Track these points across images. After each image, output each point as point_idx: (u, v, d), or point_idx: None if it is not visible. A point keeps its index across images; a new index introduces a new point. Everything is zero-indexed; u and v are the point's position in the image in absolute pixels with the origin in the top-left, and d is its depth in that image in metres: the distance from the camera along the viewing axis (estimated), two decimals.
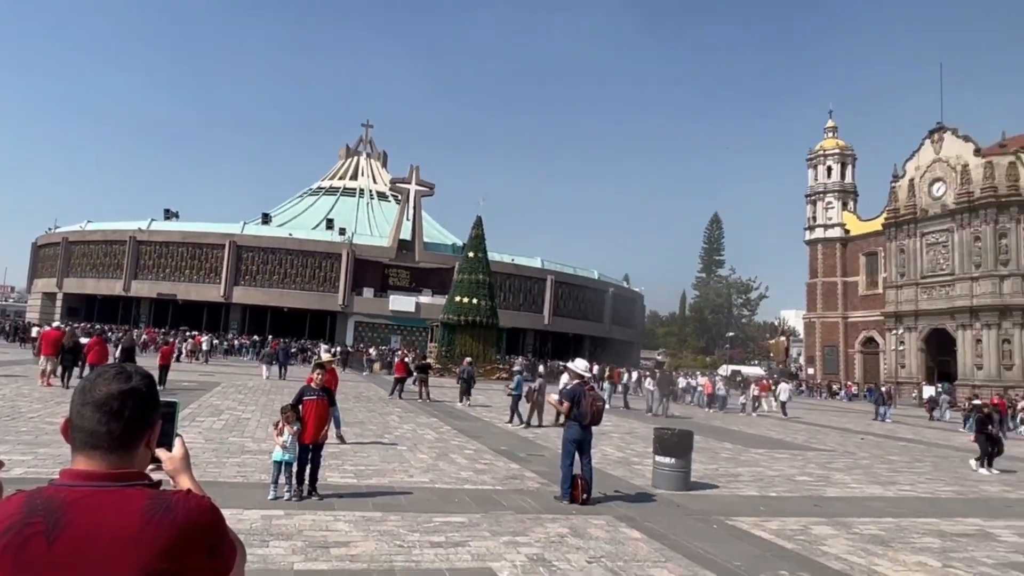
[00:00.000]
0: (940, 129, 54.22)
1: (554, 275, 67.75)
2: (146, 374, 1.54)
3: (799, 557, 7.16)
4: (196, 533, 1.38)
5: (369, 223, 71.30)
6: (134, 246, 60.80)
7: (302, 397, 8.32)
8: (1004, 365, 47.93)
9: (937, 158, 53.90)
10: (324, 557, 5.95)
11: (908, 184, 55.78)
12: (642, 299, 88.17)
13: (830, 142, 65.63)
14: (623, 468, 12.29)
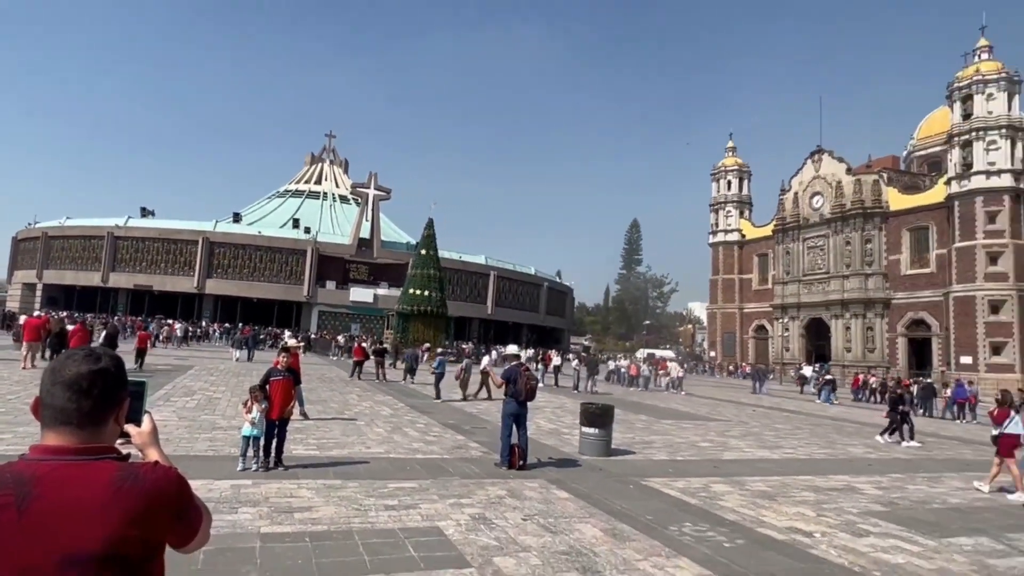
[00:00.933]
0: (819, 151, 56.42)
1: (496, 271, 67.71)
2: (115, 356, 1.46)
3: (701, 511, 7.37)
4: (163, 500, 1.34)
5: (332, 223, 69.68)
6: (112, 241, 57.78)
7: (269, 378, 8.10)
8: (867, 348, 50.38)
9: (817, 175, 56.06)
10: (288, 521, 5.81)
11: (793, 197, 57.88)
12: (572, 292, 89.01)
13: (730, 160, 67.48)
14: (554, 438, 12.39)
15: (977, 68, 44.72)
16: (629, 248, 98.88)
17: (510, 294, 69.65)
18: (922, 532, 7.03)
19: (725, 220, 66.22)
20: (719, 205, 66.97)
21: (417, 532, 5.73)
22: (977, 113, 44.06)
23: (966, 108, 44.94)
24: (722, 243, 66.19)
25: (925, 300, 47.18)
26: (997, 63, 44.47)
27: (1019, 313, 41.79)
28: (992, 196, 42.88)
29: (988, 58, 45.21)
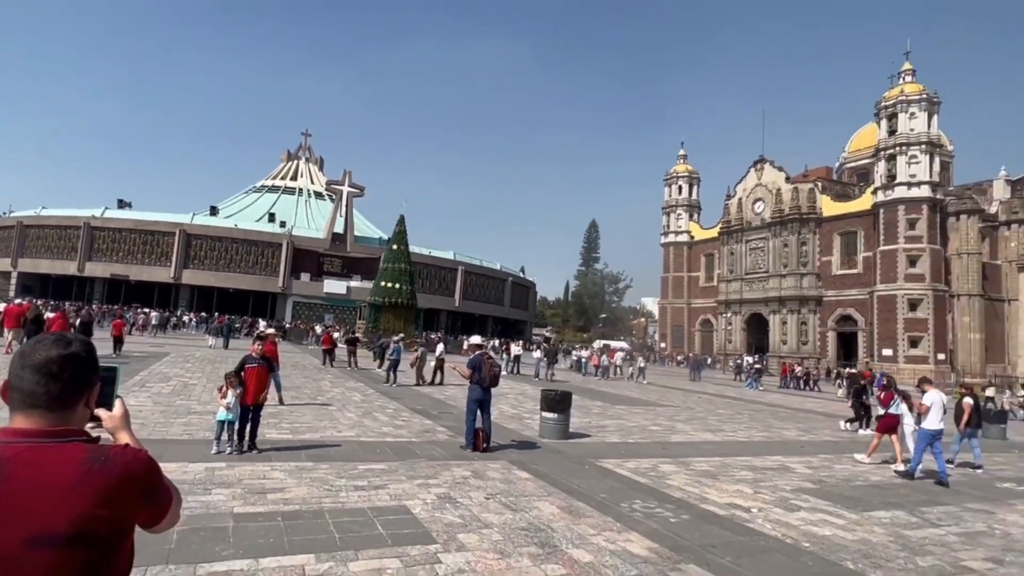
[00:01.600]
0: (762, 160, 57.74)
1: (464, 266, 67.47)
2: (86, 340, 1.40)
3: (650, 489, 7.48)
4: (133, 482, 1.29)
5: (307, 218, 68.38)
6: (88, 231, 55.53)
7: (244, 364, 7.90)
8: (802, 341, 51.93)
9: (759, 183, 57.38)
10: (261, 502, 5.68)
11: (738, 202, 59.13)
12: (535, 287, 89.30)
13: (682, 167, 68.49)
14: (516, 422, 12.41)
15: (902, 89, 46.37)
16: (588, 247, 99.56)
17: (477, 288, 69.54)
18: (846, 507, 7.28)
19: (676, 222, 67.26)
20: (671, 208, 67.98)
21: (386, 511, 5.67)
22: (901, 130, 45.71)
23: (891, 125, 46.59)
24: (673, 243, 67.23)
25: (852, 298, 48.83)
26: (919, 85, 46.19)
27: (933, 310, 43.63)
28: (912, 205, 44.59)
29: (911, 80, 46.90)
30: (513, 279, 77.03)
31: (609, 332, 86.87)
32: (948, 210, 45.94)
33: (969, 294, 45.03)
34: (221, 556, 4.30)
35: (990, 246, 47.35)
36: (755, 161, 58.30)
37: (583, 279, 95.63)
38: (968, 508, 7.77)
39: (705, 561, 4.98)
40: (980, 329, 44.95)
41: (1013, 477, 10.50)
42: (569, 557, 4.83)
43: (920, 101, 45.34)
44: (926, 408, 9.68)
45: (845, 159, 65.23)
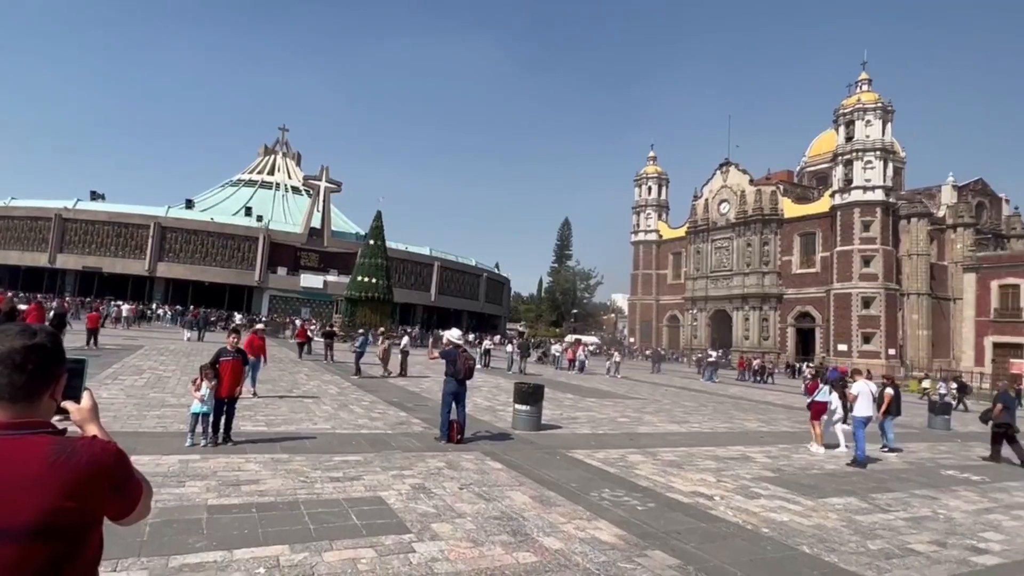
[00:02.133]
0: (727, 164, 58.66)
1: (440, 261, 67.12)
2: (51, 331, 1.34)
3: (618, 478, 7.55)
4: (100, 474, 1.24)
5: (284, 212, 67.11)
6: (60, 223, 53.58)
7: (219, 357, 7.72)
8: (763, 337, 53.03)
9: (724, 185, 58.31)
10: (236, 493, 5.57)
11: (704, 203, 60.01)
12: (509, 282, 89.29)
13: (651, 168, 69.19)
14: (490, 414, 12.41)
15: (858, 98, 47.55)
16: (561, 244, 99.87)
17: (452, 283, 69.24)
18: (803, 494, 7.47)
19: (645, 222, 67.96)
20: (640, 208, 68.63)
21: (361, 502, 5.62)
22: (857, 137, 46.91)
23: (849, 132, 47.77)
24: (642, 242, 67.93)
25: (811, 296, 50.01)
26: (875, 94, 47.42)
27: (885, 308, 44.97)
28: (867, 208, 45.84)
29: (868, 90, 48.13)
30: (488, 275, 76.90)
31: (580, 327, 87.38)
32: (900, 213, 47.34)
33: (918, 293, 46.54)
34: (194, 548, 4.20)
35: (938, 248, 48.95)
36: (721, 164, 59.22)
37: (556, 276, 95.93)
38: (914, 494, 8.04)
39: (670, 547, 5.05)
40: (928, 326, 46.51)
41: (955, 465, 10.90)
42: (540, 545, 4.85)
43: (875, 110, 46.58)
44: (853, 397, 10.34)
45: (805, 163, 66.66)
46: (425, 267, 65.69)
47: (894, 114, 47.29)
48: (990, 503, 7.91)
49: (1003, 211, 55.61)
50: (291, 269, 58.18)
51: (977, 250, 47.10)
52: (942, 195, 52.16)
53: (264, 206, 65.44)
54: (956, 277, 47.40)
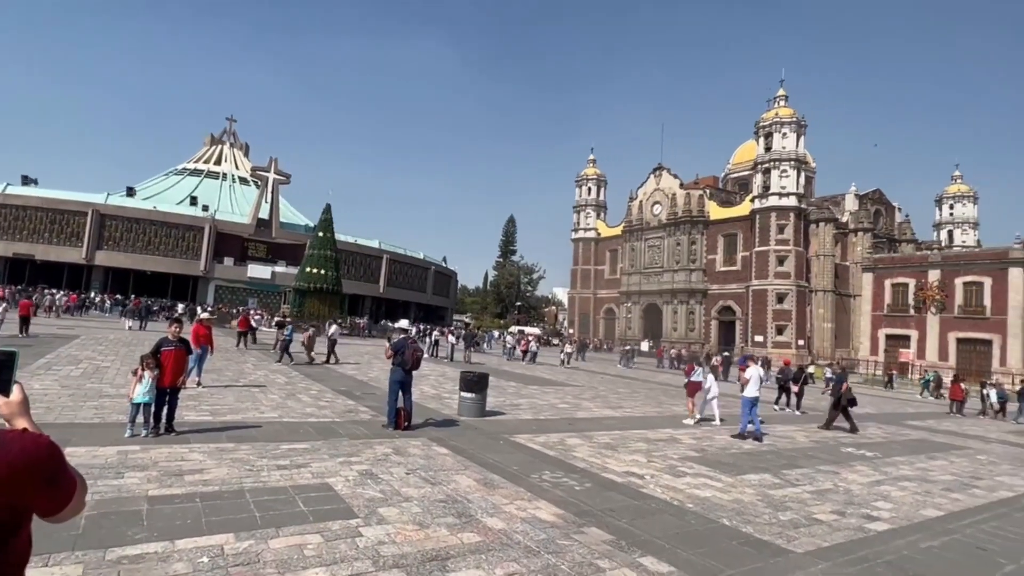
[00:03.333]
0: (660, 168, 60.29)
1: (389, 254, 65.89)
2: None
3: (558, 460, 7.66)
4: (31, 468, 1.13)
5: (231, 203, 63.98)
6: None
7: (161, 347, 7.27)
8: (689, 329, 55.00)
9: (657, 187, 59.93)
10: (179, 484, 5.27)
11: (639, 204, 61.51)
12: (456, 276, 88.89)
13: (591, 170, 70.21)
14: (436, 402, 12.31)
15: (776, 112, 49.88)
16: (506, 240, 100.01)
17: (401, 275, 68.18)
18: (723, 472, 7.81)
19: (585, 220, 68.99)
20: (581, 207, 69.60)
21: (308, 488, 5.45)
22: (775, 147, 49.23)
23: (768, 143, 50.06)
24: (582, 239, 68.94)
25: (732, 291, 52.26)
26: (791, 109, 49.87)
27: (796, 303, 47.58)
28: (782, 212, 48.25)
29: (785, 105, 50.54)
30: (436, 268, 76.17)
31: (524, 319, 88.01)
32: (810, 218, 50.12)
33: (824, 290, 49.49)
34: (134, 540, 3.96)
35: (841, 249, 52.14)
36: (655, 168, 60.79)
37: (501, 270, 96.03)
38: (820, 470, 8.56)
39: (605, 524, 5.17)
40: (832, 319, 49.56)
41: (853, 443, 11.68)
42: (484, 525, 4.85)
43: (791, 123, 49.02)
44: (746, 380, 11.20)
45: (730, 170, 69.37)
46: (374, 260, 64.35)
47: (806, 128, 49.92)
48: (881, 476, 8.53)
49: (896, 218, 59.87)
50: (238, 259, 55.67)
51: (874, 252, 50.53)
52: (846, 202, 55.52)
53: (210, 196, 62.21)
54: (856, 276, 50.70)
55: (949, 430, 15.68)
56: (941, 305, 42.96)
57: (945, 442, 13.10)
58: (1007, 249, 40.47)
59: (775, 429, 12.74)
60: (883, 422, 16.20)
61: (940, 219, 65.50)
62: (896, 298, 46.08)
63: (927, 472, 9.19)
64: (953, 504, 7.13)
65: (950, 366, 39.48)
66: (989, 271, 40.80)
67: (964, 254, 45.99)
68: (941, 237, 63.68)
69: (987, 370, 37.60)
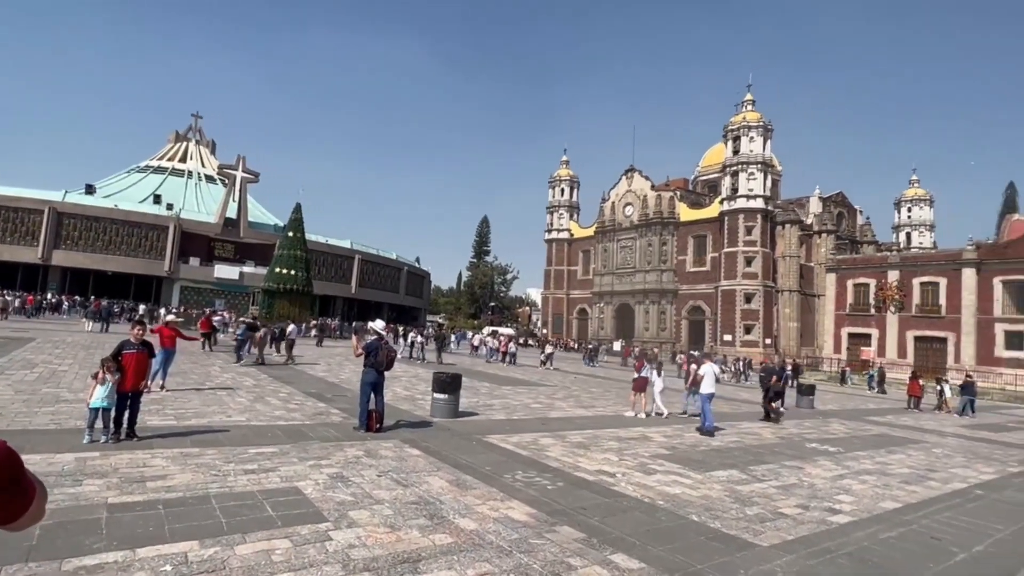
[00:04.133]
0: (631, 170, 61.06)
1: (361, 254, 65.09)
2: None
3: (530, 460, 7.68)
4: None
5: (197, 201, 62.33)
6: None
7: (122, 350, 7.03)
8: (660, 328, 55.83)
9: (629, 189, 60.68)
10: (140, 490, 5.11)
11: (611, 205, 62.17)
12: (429, 276, 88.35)
13: (564, 171, 70.69)
14: (409, 403, 12.21)
15: (744, 116, 51.04)
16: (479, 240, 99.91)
17: (373, 276, 67.44)
18: (692, 469, 7.94)
19: (558, 221, 69.41)
20: (554, 208, 70.00)
21: (276, 493, 5.34)
22: (743, 151, 50.36)
23: (735, 146, 51.19)
24: (555, 240, 69.34)
25: (702, 291, 53.23)
26: (758, 114, 51.08)
27: (763, 303, 48.74)
28: (750, 214, 49.38)
29: (752, 110, 51.76)
30: (409, 268, 75.56)
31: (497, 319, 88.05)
32: (776, 220, 51.40)
33: (790, 290, 50.81)
34: (92, 549, 3.82)
35: (806, 251, 53.62)
36: (626, 170, 61.55)
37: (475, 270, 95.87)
38: (785, 465, 8.78)
39: (577, 522, 5.21)
40: (797, 319, 50.91)
41: (817, 439, 12.02)
42: (456, 526, 4.83)
43: (758, 127, 50.21)
44: (701, 377, 11.73)
45: (699, 172, 70.68)
46: (346, 260, 63.51)
47: (773, 132, 51.21)
48: (843, 470, 8.80)
49: (858, 220, 61.89)
50: (204, 259, 54.24)
51: (837, 254, 52.09)
52: (810, 205, 57.13)
53: (175, 194, 60.50)
54: (820, 276, 52.18)
55: (907, 425, 16.26)
56: (900, 304, 44.55)
57: (904, 436, 13.59)
58: (960, 251, 42.21)
59: (742, 426, 13.02)
60: (845, 418, 16.72)
61: (899, 221, 67.94)
62: (858, 298, 47.59)
63: (886, 466, 9.51)
64: (910, 496, 7.40)
65: (908, 363, 40.99)
66: (944, 272, 42.49)
67: (921, 255, 47.81)
68: (900, 239, 66.05)
69: (943, 367, 39.15)
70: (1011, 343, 38.89)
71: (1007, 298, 39.48)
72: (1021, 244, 39.44)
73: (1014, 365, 37.76)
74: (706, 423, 11.30)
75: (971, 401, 21.56)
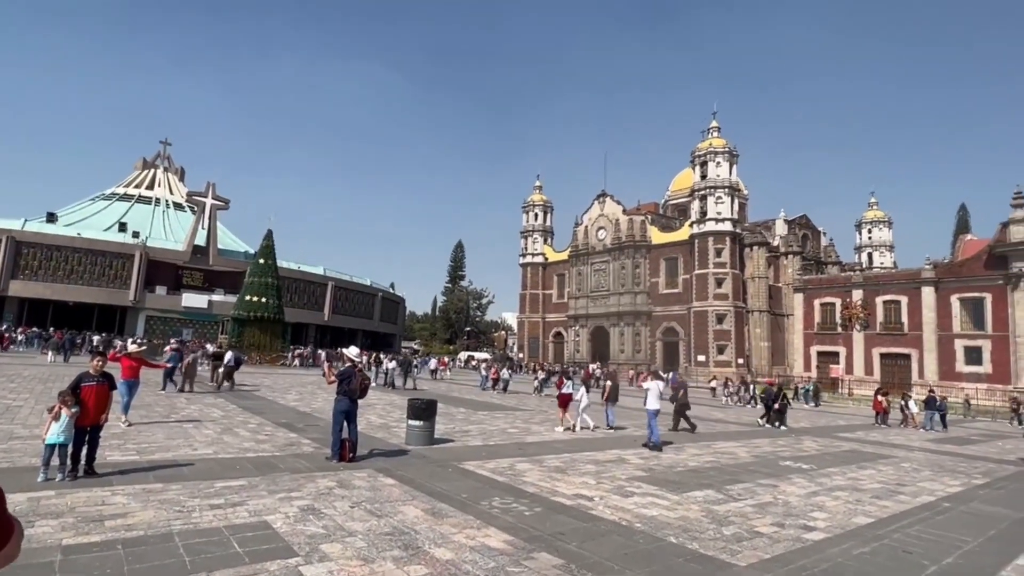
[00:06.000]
0: (603, 195, 62.10)
1: (334, 281, 64.35)
2: None
3: (507, 486, 7.58)
4: None
5: (165, 229, 61.03)
6: None
7: (80, 383, 6.75)
8: (636, 350, 56.18)
9: (602, 213, 61.60)
10: (98, 530, 4.86)
11: (584, 229, 62.95)
12: (404, 302, 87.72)
13: (537, 196, 71.46)
14: (384, 431, 11.98)
15: (710, 143, 52.62)
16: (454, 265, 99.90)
17: (347, 302, 66.63)
18: (670, 490, 7.94)
19: (533, 245, 69.88)
20: (528, 233, 70.53)
21: (244, 528, 5.14)
22: (710, 175, 51.78)
23: (703, 171, 52.61)
24: (530, 264, 69.68)
25: (675, 313, 53.93)
26: (723, 140, 52.74)
27: (735, 323, 49.58)
28: (719, 237, 50.54)
29: (718, 136, 53.42)
30: (383, 294, 74.92)
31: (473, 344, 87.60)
32: (744, 242, 52.70)
33: (760, 310, 51.86)
34: None
35: (774, 272, 54.96)
36: (598, 195, 62.58)
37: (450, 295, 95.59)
38: (760, 483, 8.84)
39: (555, 548, 5.13)
40: (768, 338, 51.87)
41: (791, 456, 12.16)
42: (431, 556, 4.72)
43: (724, 153, 51.79)
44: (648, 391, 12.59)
45: (669, 196, 72.25)
46: (319, 286, 62.69)
47: (738, 157, 52.86)
48: (816, 487, 8.90)
49: (822, 242, 63.86)
50: (172, 288, 52.95)
51: (803, 274, 53.53)
52: (776, 227, 58.76)
53: (142, 222, 59.19)
54: (788, 296, 53.43)
55: (876, 440, 16.59)
56: (864, 323, 45.84)
57: (874, 452, 13.85)
58: (919, 270, 43.82)
59: (717, 445, 13.11)
60: (817, 435, 16.98)
61: (860, 242, 70.30)
62: (825, 317, 48.82)
63: (858, 481, 9.66)
64: (881, 511, 7.52)
65: (876, 380, 42.02)
66: (905, 290, 43.98)
67: (882, 275, 49.46)
68: (862, 259, 68.24)
69: (908, 383, 40.22)
70: (970, 358, 40.25)
71: (964, 315, 40.99)
72: (975, 263, 41.16)
73: (974, 380, 39.02)
74: (652, 437, 11.81)
75: (942, 416, 22.29)
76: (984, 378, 38.87)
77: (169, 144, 73.35)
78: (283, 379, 25.04)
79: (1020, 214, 38.02)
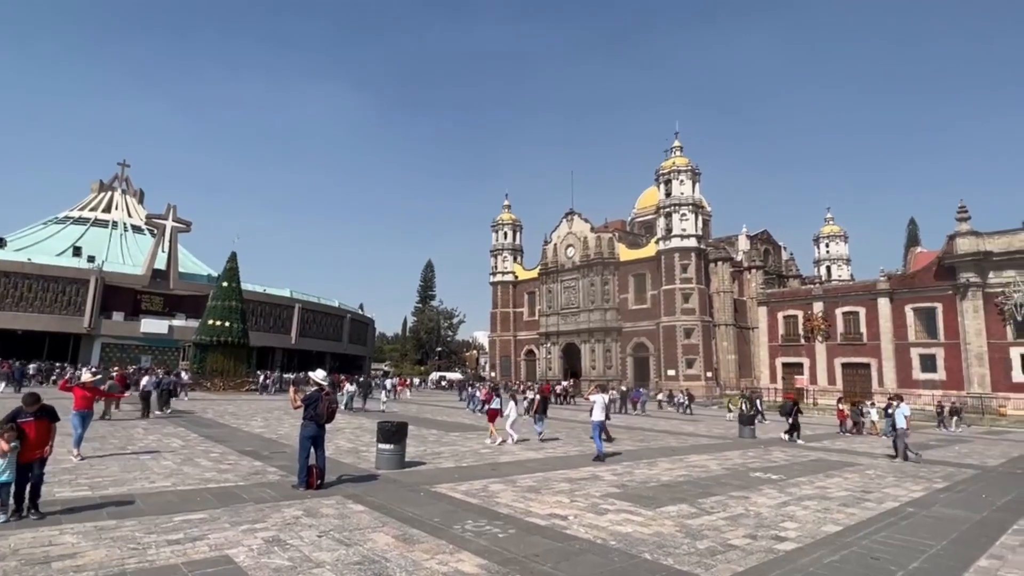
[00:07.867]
0: (572, 213, 62.86)
1: (301, 303, 63.03)
2: None
3: (481, 508, 7.44)
4: None
5: (122, 253, 58.98)
6: None
7: (16, 416, 6.22)
8: (607, 366, 56.50)
9: (570, 231, 62.28)
10: (43, 573, 4.55)
11: (554, 247, 63.47)
12: (373, 323, 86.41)
13: (506, 215, 71.88)
14: (353, 456, 11.68)
15: (674, 161, 54.01)
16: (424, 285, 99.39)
17: (314, 324, 65.26)
18: (643, 505, 7.92)
19: (502, 264, 70.03)
20: (498, 251, 70.71)
21: (204, 564, 4.90)
22: (674, 193, 53.02)
23: (668, 189, 53.85)
24: (500, 282, 69.73)
25: (644, 328, 54.57)
26: (686, 159, 54.20)
27: (702, 337, 50.43)
28: (684, 253, 51.60)
29: (681, 155, 54.89)
30: (352, 316, 73.72)
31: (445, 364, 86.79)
32: (709, 257, 53.94)
33: (726, 324, 52.94)
34: None
35: (738, 286, 56.31)
36: (566, 213, 63.32)
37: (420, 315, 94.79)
38: (732, 496, 8.91)
39: (529, 570, 5.04)
40: (735, 351, 52.90)
41: (761, 467, 12.32)
42: None
43: (687, 171, 53.20)
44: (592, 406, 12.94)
45: (636, 214, 73.60)
46: (285, 309, 61.30)
47: (701, 175, 54.35)
48: (786, 497, 9.02)
49: (783, 256, 65.87)
50: (129, 313, 50.96)
51: (766, 288, 54.99)
52: (739, 243, 60.40)
53: (98, 246, 57.08)
54: (753, 310, 54.73)
55: (842, 449, 16.97)
56: (826, 334, 47.21)
57: (839, 460, 14.15)
58: (875, 282, 45.54)
59: (690, 459, 13.20)
60: (785, 446, 17.28)
61: (819, 256, 72.71)
62: (788, 329, 50.11)
63: (826, 490, 9.83)
64: (849, 518, 7.65)
65: (839, 390, 43.20)
66: (862, 301, 45.58)
67: (841, 287, 51.17)
68: (821, 272, 70.54)
69: (869, 391, 41.45)
70: (925, 366, 41.81)
71: (918, 324, 42.66)
72: (926, 274, 43.01)
73: (929, 387, 40.51)
74: (600, 449, 12.45)
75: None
76: (939, 384, 40.37)
77: (127, 166, 71.42)
78: (248, 405, 24.27)
79: (965, 227, 39.99)
